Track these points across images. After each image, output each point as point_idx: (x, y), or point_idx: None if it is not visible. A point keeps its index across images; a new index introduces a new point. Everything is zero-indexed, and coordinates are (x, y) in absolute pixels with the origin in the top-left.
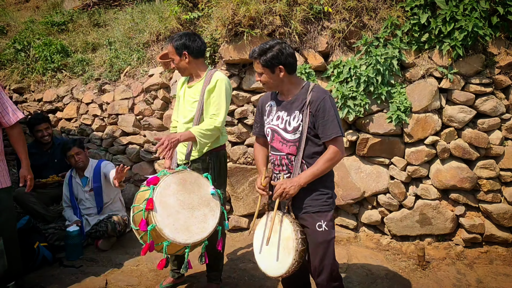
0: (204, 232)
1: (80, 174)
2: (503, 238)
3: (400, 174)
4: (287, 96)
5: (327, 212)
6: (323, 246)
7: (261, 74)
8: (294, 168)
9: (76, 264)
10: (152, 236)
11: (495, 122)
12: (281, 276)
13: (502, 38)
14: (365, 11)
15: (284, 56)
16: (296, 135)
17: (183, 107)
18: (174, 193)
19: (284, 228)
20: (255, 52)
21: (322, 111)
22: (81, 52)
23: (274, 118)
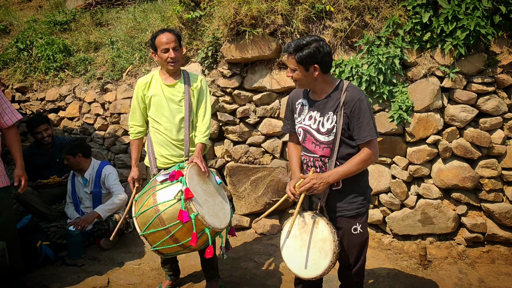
0: (227, 217)
1: (81, 174)
2: (505, 237)
3: (402, 173)
4: (320, 95)
5: (362, 215)
6: (357, 247)
7: (294, 70)
8: (327, 170)
9: (78, 263)
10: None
11: (497, 121)
12: (315, 278)
13: (504, 37)
14: (367, 10)
15: (321, 55)
16: (330, 137)
17: (165, 106)
18: (198, 183)
19: (320, 230)
20: (290, 46)
21: (358, 113)
22: (83, 51)
23: (306, 117)
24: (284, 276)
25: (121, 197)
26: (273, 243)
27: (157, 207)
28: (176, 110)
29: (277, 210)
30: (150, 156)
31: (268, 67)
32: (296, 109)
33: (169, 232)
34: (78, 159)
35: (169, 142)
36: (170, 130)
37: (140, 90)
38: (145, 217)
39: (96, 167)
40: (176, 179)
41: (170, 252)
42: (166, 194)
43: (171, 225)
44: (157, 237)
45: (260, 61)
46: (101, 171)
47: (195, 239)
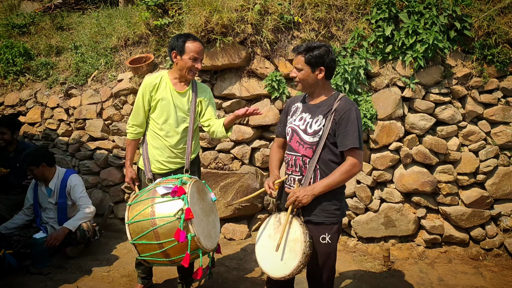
0: (217, 237)
1: (46, 183)
2: (461, 238)
3: (366, 178)
4: (315, 100)
5: (332, 224)
6: (324, 257)
7: (300, 70)
8: (307, 171)
9: (44, 272)
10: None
11: (453, 129)
12: (283, 278)
13: (458, 51)
14: (333, 22)
15: (329, 59)
16: (315, 138)
17: (173, 113)
18: (197, 202)
19: (292, 230)
20: (301, 47)
21: (346, 121)
22: (44, 56)
23: (297, 118)
24: (256, 279)
25: (89, 211)
26: (243, 248)
27: (154, 221)
28: (182, 118)
29: (246, 216)
30: (145, 159)
31: (237, 75)
32: (291, 111)
33: (162, 247)
34: (42, 169)
35: (168, 148)
36: (172, 137)
37: (147, 91)
38: (139, 227)
39: (61, 176)
40: (178, 196)
41: (156, 263)
42: (165, 209)
43: (165, 241)
44: (148, 249)
45: (230, 68)
46: (67, 180)
47: (187, 260)
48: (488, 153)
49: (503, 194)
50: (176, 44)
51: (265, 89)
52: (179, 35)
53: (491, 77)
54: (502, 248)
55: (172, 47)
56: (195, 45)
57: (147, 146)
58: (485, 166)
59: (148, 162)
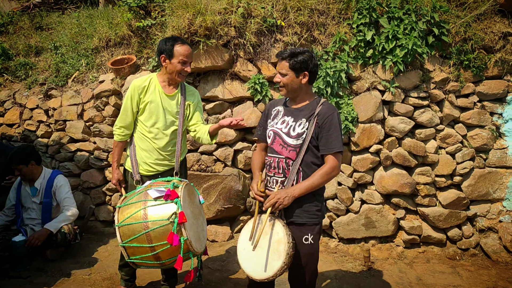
0: (205, 239)
1: (30, 183)
2: (438, 238)
3: (347, 180)
4: (297, 104)
5: (314, 225)
6: (307, 258)
7: (285, 75)
8: (290, 173)
9: (23, 275)
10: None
11: (431, 132)
12: (267, 279)
13: (436, 56)
14: (315, 26)
15: (312, 64)
16: (299, 141)
17: (162, 116)
18: (188, 205)
19: (275, 232)
20: (285, 52)
21: (329, 125)
22: (23, 56)
23: (279, 121)
24: (239, 281)
25: (72, 213)
26: (226, 249)
27: (147, 224)
28: (170, 122)
29: (228, 217)
30: (133, 161)
31: (220, 77)
32: (271, 115)
33: (154, 250)
34: (31, 168)
35: (156, 150)
36: (160, 139)
37: (136, 93)
38: (130, 230)
39: (47, 176)
40: (171, 199)
41: (145, 266)
42: (158, 213)
43: (158, 244)
44: (139, 251)
45: (213, 71)
46: (53, 180)
47: (180, 263)
48: (464, 155)
49: (478, 195)
50: (165, 48)
51: (248, 92)
52: (167, 39)
53: (468, 82)
54: (478, 248)
55: (161, 51)
56: (184, 49)
57: (135, 148)
58: (462, 168)
59: (136, 164)
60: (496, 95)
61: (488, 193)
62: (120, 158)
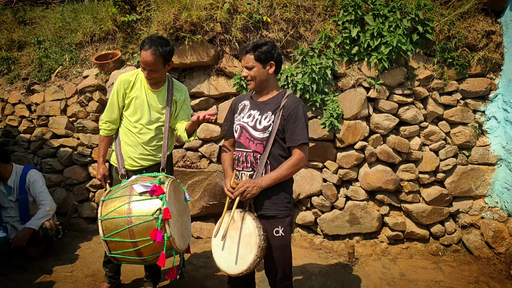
0: (189, 237)
1: (4, 182)
2: (421, 234)
3: (332, 177)
4: (263, 97)
5: (285, 217)
6: (279, 250)
7: (251, 68)
8: (258, 167)
9: (3, 272)
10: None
11: (415, 129)
12: (241, 273)
13: (421, 54)
14: (301, 23)
15: (276, 53)
16: (265, 134)
17: (146, 111)
18: (174, 202)
19: (246, 225)
20: (249, 45)
21: (294, 117)
22: (5, 50)
23: (245, 115)
24: (223, 277)
25: (50, 207)
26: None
27: (130, 219)
28: (156, 118)
29: (214, 214)
30: (118, 155)
31: (206, 73)
32: (238, 109)
33: (136, 245)
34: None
35: (140, 145)
36: (144, 134)
37: (122, 88)
38: (113, 224)
39: (19, 172)
40: (156, 195)
41: (126, 261)
42: (143, 208)
43: (140, 239)
44: (121, 246)
45: (199, 67)
46: (25, 176)
47: (163, 260)
48: (447, 152)
49: (461, 192)
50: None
51: (233, 88)
52: (144, 39)
53: (451, 80)
54: (460, 244)
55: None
56: (143, 55)
57: (120, 142)
58: (445, 165)
59: (121, 158)
60: (479, 92)
61: (471, 189)
62: (106, 153)
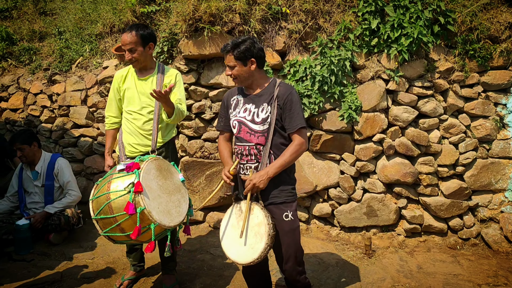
0: (181, 215)
1: (31, 167)
2: (440, 228)
3: (350, 169)
4: (255, 90)
5: (292, 202)
6: (290, 234)
7: (233, 67)
8: (262, 158)
9: (27, 258)
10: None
11: (434, 122)
12: (253, 262)
13: (442, 46)
14: (321, 14)
15: (256, 49)
16: (265, 126)
17: (137, 99)
18: (155, 178)
19: (255, 215)
20: (228, 46)
21: (289, 105)
22: (27, 41)
23: (241, 110)
24: (240, 267)
25: (73, 198)
26: None
27: (108, 195)
28: (146, 103)
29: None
30: (120, 144)
31: (224, 65)
32: (231, 105)
33: (116, 220)
34: (33, 149)
35: (137, 131)
36: (138, 119)
37: (116, 83)
38: (98, 202)
39: (47, 159)
40: (131, 171)
41: (119, 240)
42: (119, 184)
43: (118, 214)
44: (107, 223)
45: (217, 58)
46: (54, 163)
47: (136, 232)
48: (467, 145)
49: (481, 185)
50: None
51: None
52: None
53: (472, 72)
54: (479, 238)
55: None
56: (123, 36)
57: (122, 133)
58: (464, 158)
59: (123, 147)
60: (500, 85)
61: (490, 183)
62: (112, 146)
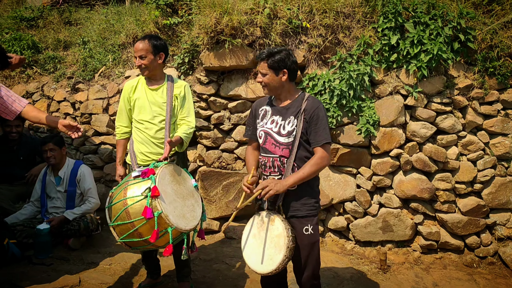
0: (195, 219)
1: (54, 172)
2: (456, 245)
3: (366, 183)
4: (283, 102)
5: (313, 216)
6: (308, 247)
7: (265, 75)
8: (285, 171)
9: (46, 262)
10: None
11: (452, 138)
12: (270, 273)
13: (461, 63)
14: (340, 29)
15: (290, 62)
16: (290, 138)
17: (148, 108)
18: (170, 183)
19: (275, 226)
20: (263, 53)
21: (316, 119)
22: (52, 49)
23: (268, 121)
24: (256, 277)
25: (92, 206)
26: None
27: (125, 201)
28: (157, 112)
29: (247, 215)
30: (131, 154)
31: (244, 76)
32: (259, 115)
33: (134, 226)
34: (61, 152)
35: (149, 140)
36: (150, 128)
37: (126, 93)
38: (115, 209)
39: (71, 165)
40: (147, 177)
41: (136, 246)
42: (135, 190)
43: (136, 219)
44: (124, 229)
45: (237, 70)
46: (77, 169)
47: (154, 236)
48: (486, 163)
49: (499, 203)
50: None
51: None
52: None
53: (492, 89)
54: (496, 256)
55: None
56: (135, 44)
57: (133, 142)
58: (483, 176)
59: (134, 156)
60: None
61: (509, 201)
62: (123, 156)
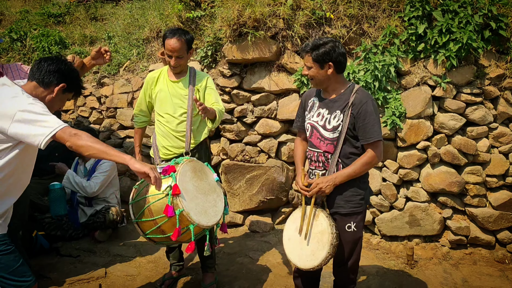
0: (218, 215)
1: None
2: (487, 240)
3: (392, 176)
4: (331, 95)
5: (357, 214)
6: (350, 244)
7: (310, 68)
8: (329, 166)
9: (73, 254)
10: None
11: (483, 130)
12: (312, 268)
13: (493, 51)
14: (365, 19)
15: (336, 54)
16: (335, 134)
17: (169, 101)
18: (191, 180)
19: (319, 222)
20: (308, 46)
21: (364, 114)
22: (78, 45)
23: (315, 114)
24: (279, 271)
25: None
26: (266, 240)
27: (148, 199)
28: (178, 105)
29: (270, 209)
30: (154, 147)
31: (267, 69)
32: (308, 106)
33: (156, 223)
34: None
35: (170, 133)
36: (171, 122)
37: (148, 85)
38: (138, 206)
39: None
40: (168, 174)
41: (161, 241)
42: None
43: (158, 217)
44: (147, 226)
45: (260, 62)
46: (99, 162)
47: (176, 234)
48: None
49: None
50: (163, 39)
51: (294, 84)
52: (165, 32)
53: None
54: None
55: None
56: (168, 43)
57: (155, 135)
58: None
59: (157, 149)
60: None
61: None
62: (141, 144)
